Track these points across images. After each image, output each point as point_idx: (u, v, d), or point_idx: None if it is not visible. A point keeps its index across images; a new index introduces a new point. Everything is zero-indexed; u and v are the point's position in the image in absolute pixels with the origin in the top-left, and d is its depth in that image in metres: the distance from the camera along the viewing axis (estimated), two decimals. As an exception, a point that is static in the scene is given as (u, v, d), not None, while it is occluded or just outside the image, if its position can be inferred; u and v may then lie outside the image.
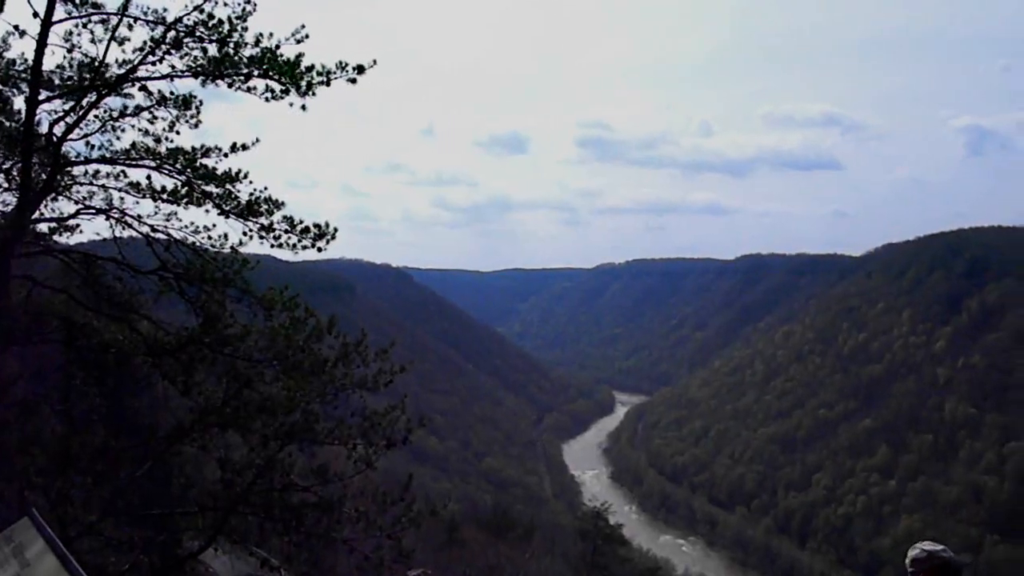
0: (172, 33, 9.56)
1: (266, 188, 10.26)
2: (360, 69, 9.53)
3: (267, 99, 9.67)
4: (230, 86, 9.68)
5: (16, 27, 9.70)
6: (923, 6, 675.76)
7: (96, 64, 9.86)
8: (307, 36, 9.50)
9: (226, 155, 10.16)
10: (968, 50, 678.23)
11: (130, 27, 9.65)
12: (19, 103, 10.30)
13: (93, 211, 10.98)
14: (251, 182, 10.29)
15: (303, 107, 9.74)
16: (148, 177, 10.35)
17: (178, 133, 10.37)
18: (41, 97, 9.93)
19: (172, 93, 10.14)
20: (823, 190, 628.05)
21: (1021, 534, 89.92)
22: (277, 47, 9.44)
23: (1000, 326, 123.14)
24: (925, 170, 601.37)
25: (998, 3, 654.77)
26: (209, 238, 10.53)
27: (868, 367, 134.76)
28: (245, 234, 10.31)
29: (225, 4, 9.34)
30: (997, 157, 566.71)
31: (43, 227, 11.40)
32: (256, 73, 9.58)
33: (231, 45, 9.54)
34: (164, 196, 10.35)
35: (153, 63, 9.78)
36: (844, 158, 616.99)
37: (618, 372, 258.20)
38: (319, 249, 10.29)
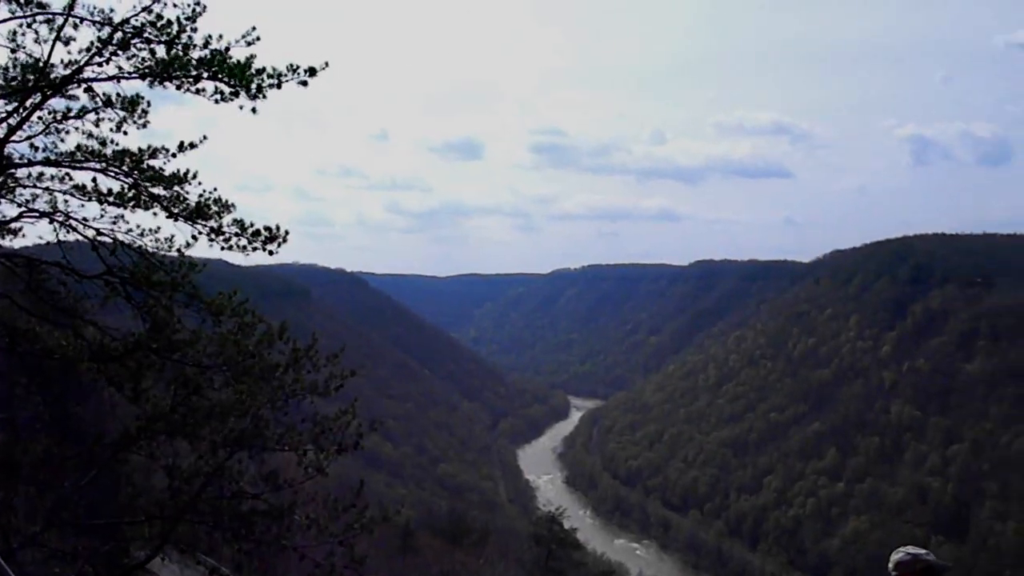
0: (119, 34, 9.39)
1: (216, 190, 10.10)
2: (312, 72, 9.46)
3: (216, 101, 9.54)
4: (178, 88, 9.55)
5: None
6: (866, 19, 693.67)
7: (41, 64, 9.65)
8: (258, 38, 9.40)
9: (174, 156, 9.98)
10: (910, 62, 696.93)
11: (76, 27, 9.46)
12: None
13: (37, 214, 10.70)
14: (200, 183, 10.14)
15: (254, 110, 9.63)
16: (94, 179, 10.14)
17: (125, 134, 10.16)
18: (-17, 98, 9.70)
19: (119, 95, 9.96)
20: (773, 198, 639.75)
21: (964, 534, 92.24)
22: (227, 49, 9.32)
23: (943, 331, 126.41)
24: (871, 178, 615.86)
25: (937, 16, 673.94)
26: (157, 241, 10.33)
27: (817, 371, 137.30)
28: (194, 237, 10.14)
29: (174, 5, 9.21)
30: (940, 166, 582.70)
31: (-16, 230, 11.10)
32: (205, 75, 9.45)
33: (180, 47, 9.40)
34: (110, 199, 10.13)
35: (99, 64, 9.59)
36: (793, 166, 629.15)
37: (573, 377, 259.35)
38: (270, 252, 10.14)
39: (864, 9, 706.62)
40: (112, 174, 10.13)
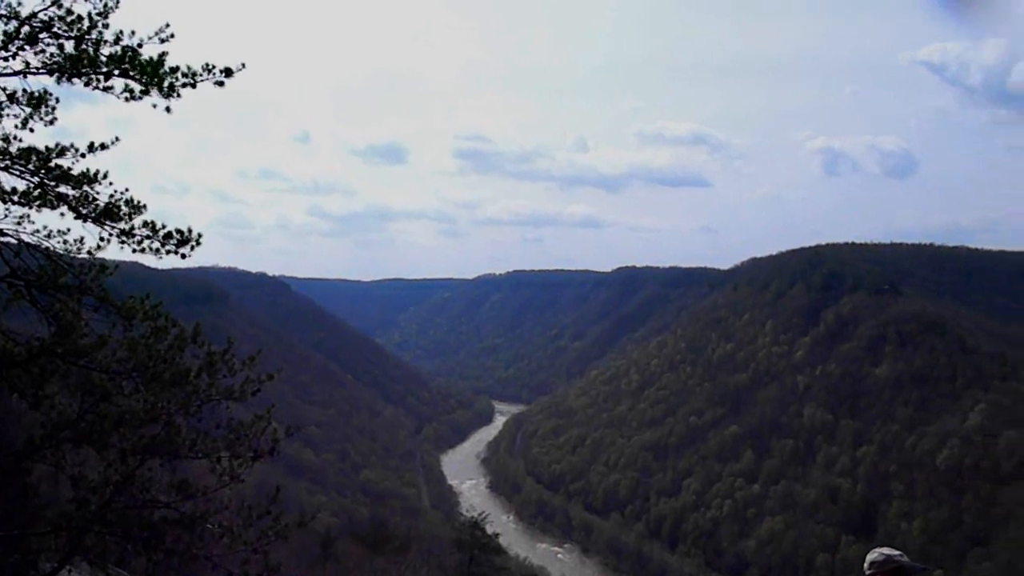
0: (27, 28, 9.09)
1: (127, 190, 9.85)
2: (228, 72, 9.32)
3: (127, 99, 9.30)
4: (87, 84, 9.27)
5: None
6: (780, 35, 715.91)
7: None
8: (172, 35, 9.20)
9: (83, 155, 9.68)
10: (822, 77, 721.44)
11: (-21, 21, 9.12)
12: None
13: (-65, 214, 10.26)
14: (112, 184, 9.86)
15: (168, 109, 9.43)
16: (-3, 178, 9.78)
17: (31, 131, 9.83)
18: None
19: (25, 90, 9.61)
20: (693, 206, 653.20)
21: (873, 533, 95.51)
22: (139, 46, 9.11)
23: (853, 336, 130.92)
24: (786, 189, 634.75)
25: (847, 33, 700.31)
26: (65, 243, 10.01)
27: (735, 376, 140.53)
28: (103, 239, 9.86)
29: (86, 0, 8.98)
30: (850, 177, 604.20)
31: None
32: (116, 73, 9.21)
33: (90, 43, 9.15)
34: (15, 198, 9.77)
35: (5, 59, 9.27)
36: (711, 176, 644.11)
37: (497, 382, 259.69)
38: (183, 255, 9.93)
39: (778, 25, 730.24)
40: (16, 172, 9.77)
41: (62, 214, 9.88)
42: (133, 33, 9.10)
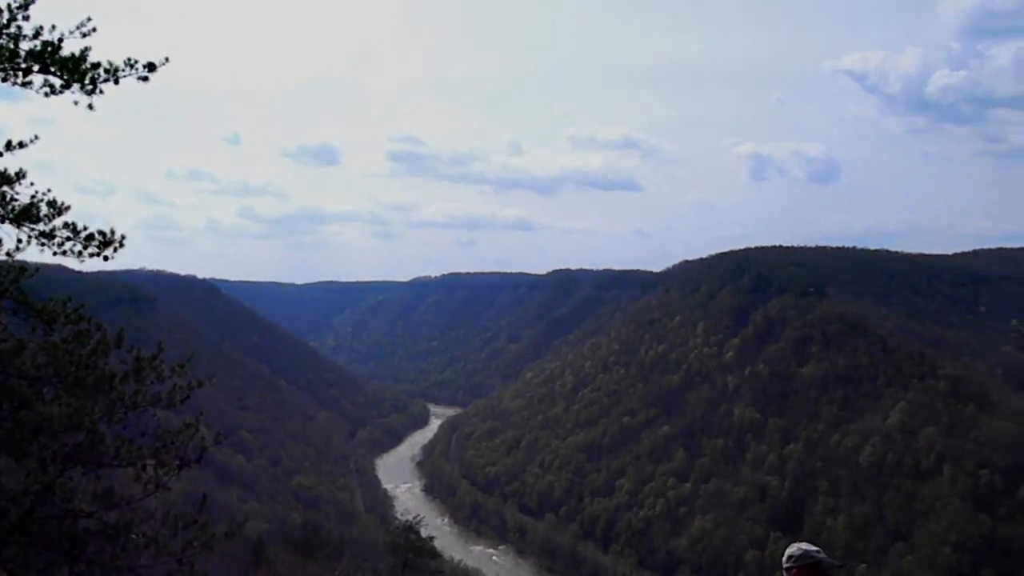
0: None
1: (49, 191, 9.54)
2: (151, 67, 9.09)
3: (46, 94, 9.00)
4: (4, 80, 8.94)
5: None
6: (709, 43, 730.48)
7: None
8: (94, 30, 8.94)
9: (0, 154, 9.35)
10: (749, 84, 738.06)
11: None
12: None
13: None
14: (32, 184, 9.53)
15: (90, 106, 9.15)
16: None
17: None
18: None
19: (-63, 86, 9.22)
20: (625, 209, 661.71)
21: (800, 529, 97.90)
22: (60, 40, 8.82)
23: (780, 337, 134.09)
24: (715, 193, 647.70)
25: (773, 42, 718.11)
26: (-19, 245, 9.63)
27: (667, 377, 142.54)
28: (20, 241, 9.51)
29: (3, -7, 8.66)
30: (776, 182, 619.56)
31: None
32: (36, 67, 8.90)
33: (8, 36, 8.83)
34: (-74, 198, 9.38)
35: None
36: (643, 180, 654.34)
37: (433, 385, 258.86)
38: (106, 258, 9.64)
39: (705, 34, 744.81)
40: (-72, 171, 9.38)
41: (-24, 215, 9.51)
42: (54, 27, 8.82)
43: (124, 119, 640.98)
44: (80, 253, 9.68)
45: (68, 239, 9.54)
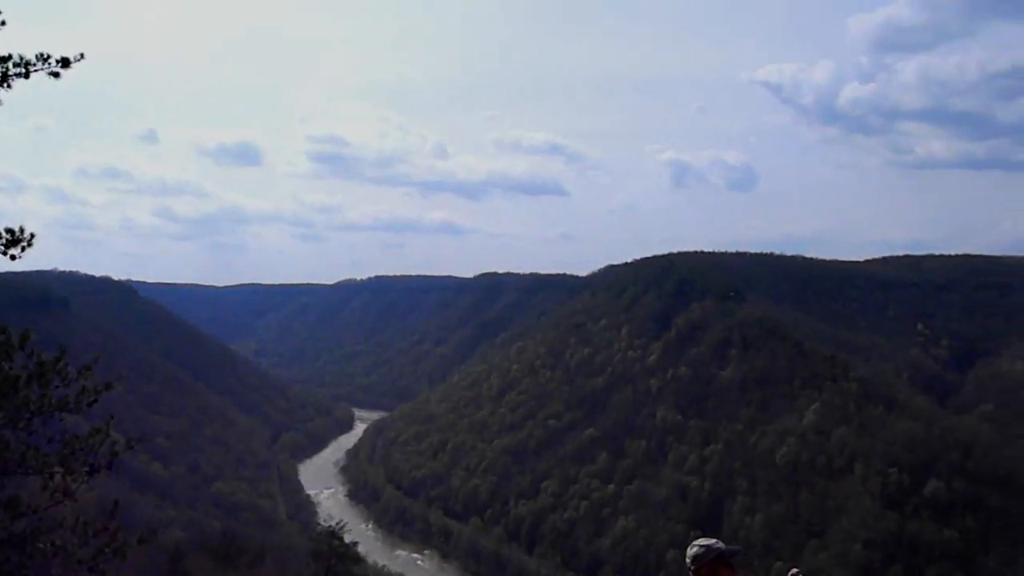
0: None
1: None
2: (65, 62, 8.93)
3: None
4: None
5: None
6: (631, 51, 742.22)
7: None
8: (3, 23, 8.75)
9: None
10: (670, 92, 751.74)
11: None
12: None
13: None
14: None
15: (-2, 102, 8.94)
16: None
17: None
18: None
19: None
20: (551, 214, 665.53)
21: (719, 528, 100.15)
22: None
23: (702, 340, 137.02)
24: (638, 198, 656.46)
25: (694, 51, 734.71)
26: None
27: (592, 379, 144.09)
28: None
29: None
30: (697, 189, 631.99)
31: None
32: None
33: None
34: None
35: None
36: (568, 185, 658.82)
37: (358, 389, 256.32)
38: (13, 257, 9.40)
39: (630, 43, 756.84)
40: None
41: None
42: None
43: (34, 115, 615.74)
44: (-15, 253, 9.41)
45: (-29, 238, 9.29)
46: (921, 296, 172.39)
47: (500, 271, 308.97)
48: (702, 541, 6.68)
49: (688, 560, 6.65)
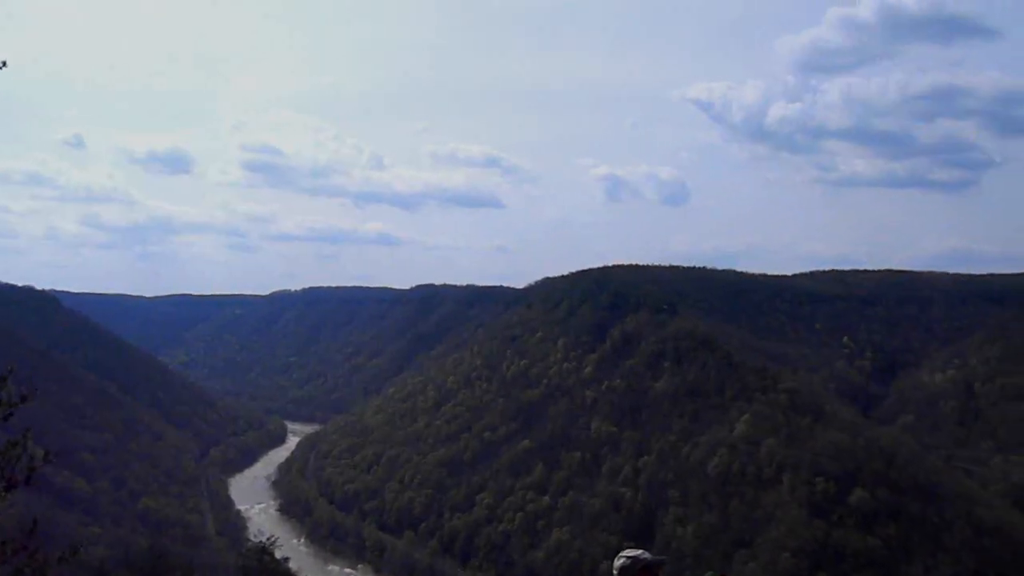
0: None
1: None
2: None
3: None
4: None
5: None
6: (565, 66, 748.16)
7: None
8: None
9: None
10: (604, 107, 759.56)
11: None
12: None
13: None
14: None
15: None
16: None
17: None
18: None
19: None
20: (487, 226, 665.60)
21: (652, 539, 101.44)
22: None
23: (636, 353, 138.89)
24: (573, 211, 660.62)
25: (628, 68, 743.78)
26: None
27: (528, 391, 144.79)
28: None
29: None
30: (631, 203, 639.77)
31: None
32: None
33: None
34: None
35: None
36: (504, 197, 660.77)
37: (291, 401, 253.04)
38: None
39: (564, 56, 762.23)
40: None
41: None
42: None
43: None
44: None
45: None
46: (846, 309, 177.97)
47: (437, 282, 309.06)
48: (628, 552, 6.87)
49: (615, 572, 6.89)
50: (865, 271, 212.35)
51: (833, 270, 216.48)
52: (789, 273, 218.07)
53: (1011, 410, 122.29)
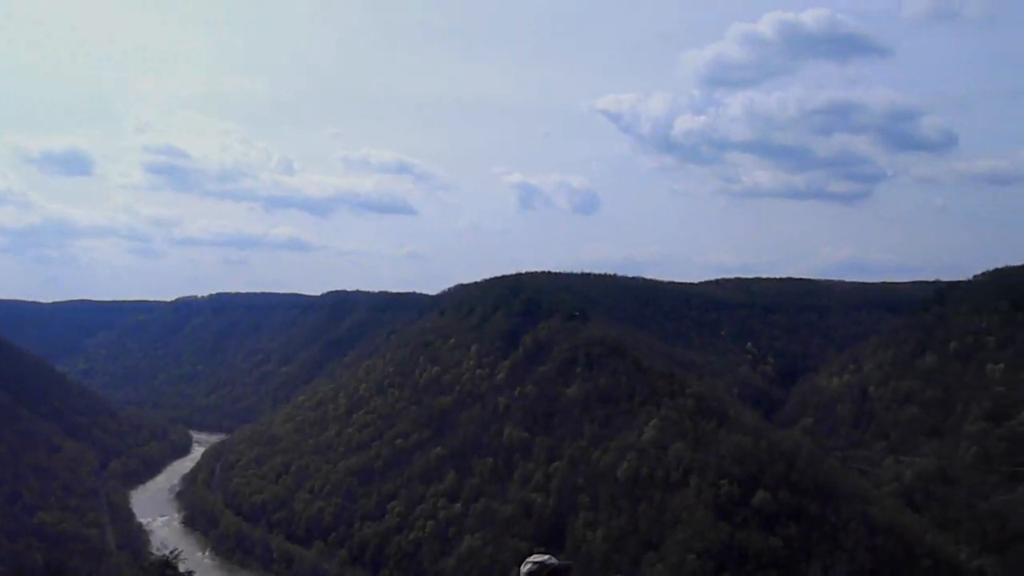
0: None
1: None
2: None
3: None
4: None
5: None
6: (477, 76, 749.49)
7: None
8: None
9: None
10: (516, 117, 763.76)
11: None
12: None
13: None
14: None
15: None
16: None
17: None
18: None
19: None
20: (400, 232, 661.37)
21: (562, 543, 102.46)
22: None
23: (548, 359, 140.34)
24: (486, 219, 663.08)
25: (540, 78, 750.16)
26: None
27: (441, 398, 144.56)
28: None
29: None
30: (543, 212, 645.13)
31: None
32: None
33: None
34: None
35: None
36: (416, 204, 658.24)
37: (197, 410, 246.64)
38: None
39: (477, 65, 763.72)
40: None
41: None
42: None
43: None
44: None
45: None
46: (750, 316, 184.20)
47: (349, 289, 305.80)
48: (535, 558, 6.79)
49: None
50: (768, 279, 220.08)
51: (737, 278, 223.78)
52: (696, 281, 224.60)
53: (903, 413, 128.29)
